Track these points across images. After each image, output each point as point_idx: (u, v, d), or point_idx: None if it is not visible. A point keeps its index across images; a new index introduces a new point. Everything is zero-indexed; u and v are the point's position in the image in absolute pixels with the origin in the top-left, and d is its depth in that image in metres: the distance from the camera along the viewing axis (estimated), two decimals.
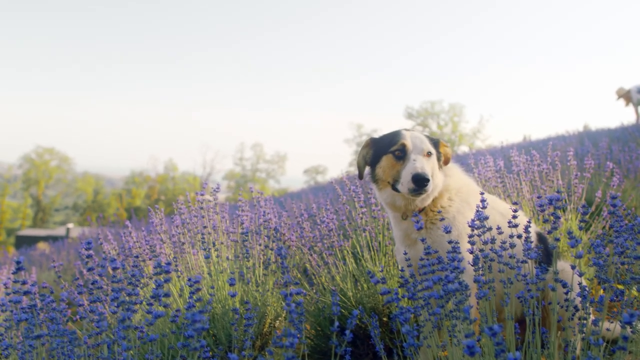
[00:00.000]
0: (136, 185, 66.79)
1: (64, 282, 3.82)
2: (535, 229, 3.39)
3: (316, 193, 11.84)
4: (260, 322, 3.86)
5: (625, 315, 1.79)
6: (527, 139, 18.40)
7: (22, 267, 2.16)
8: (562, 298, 2.91)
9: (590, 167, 5.27)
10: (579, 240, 2.26)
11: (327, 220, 4.36)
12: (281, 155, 70.81)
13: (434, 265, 2.39)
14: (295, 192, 20.49)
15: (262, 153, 70.48)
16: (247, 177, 68.65)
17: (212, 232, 4.18)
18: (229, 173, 69.01)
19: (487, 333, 1.74)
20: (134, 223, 13.42)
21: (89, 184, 68.05)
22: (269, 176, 70.42)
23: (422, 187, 2.93)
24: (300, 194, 14.96)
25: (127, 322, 2.13)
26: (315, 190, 14.58)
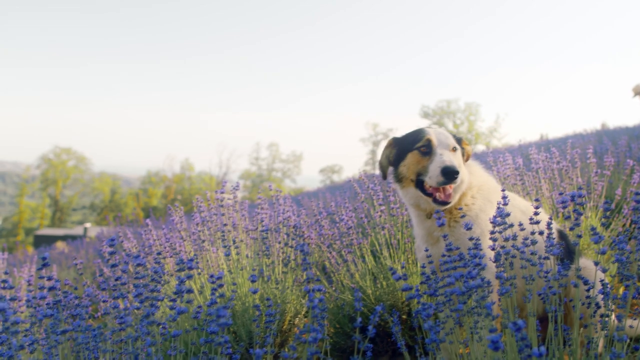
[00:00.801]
0: (153, 185, 67.14)
1: (85, 279, 3.85)
2: (555, 226, 3.38)
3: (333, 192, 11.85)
4: (280, 320, 3.87)
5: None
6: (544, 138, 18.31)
7: (48, 263, 2.18)
8: (584, 295, 2.90)
9: (610, 164, 5.23)
10: (602, 237, 2.25)
11: (346, 218, 4.36)
12: (297, 155, 70.95)
13: (455, 262, 2.39)
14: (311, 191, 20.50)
15: (278, 153, 70.65)
16: (263, 177, 68.80)
17: (232, 229, 4.20)
18: (245, 172, 69.19)
19: (512, 328, 1.73)
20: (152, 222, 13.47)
21: (106, 183, 68.51)
22: (285, 175, 70.56)
23: (451, 180, 2.95)
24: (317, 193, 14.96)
25: (151, 318, 2.15)
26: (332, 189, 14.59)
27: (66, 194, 68.24)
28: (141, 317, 2.26)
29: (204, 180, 65.72)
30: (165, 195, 65.63)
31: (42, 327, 2.71)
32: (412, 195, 3.22)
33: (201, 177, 67.57)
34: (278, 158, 70.50)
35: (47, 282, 2.29)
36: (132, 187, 79.03)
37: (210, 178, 65.67)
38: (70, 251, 14.18)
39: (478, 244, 2.46)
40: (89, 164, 69.25)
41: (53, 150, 66.60)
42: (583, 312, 2.92)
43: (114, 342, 2.54)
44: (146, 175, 68.89)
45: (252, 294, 2.97)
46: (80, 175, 68.00)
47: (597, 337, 2.48)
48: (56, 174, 65.56)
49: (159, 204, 60.99)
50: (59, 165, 65.95)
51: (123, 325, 2.32)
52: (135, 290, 2.30)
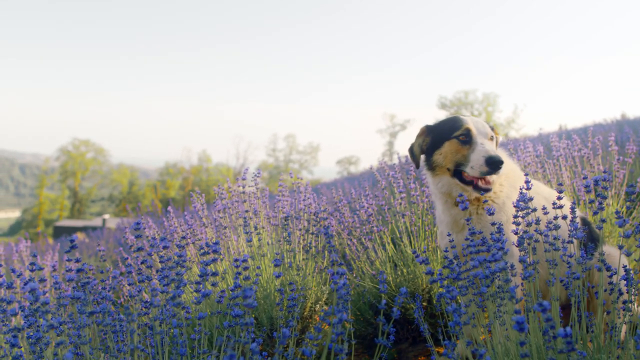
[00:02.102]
0: (170, 176, 67.52)
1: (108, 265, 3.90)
2: (579, 213, 3.37)
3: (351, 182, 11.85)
4: (301, 306, 3.89)
5: None
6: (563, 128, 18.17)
7: (76, 245, 2.22)
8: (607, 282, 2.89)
9: (631, 152, 5.20)
10: (627, 220, 2.25)
11: (367, 205, 4.37)
12: (314, 146, 71.00)
13: (478, 245, 2.40)
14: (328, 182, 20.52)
15: (295, 144, 70.75)
16: (280, 168, 68.92)
17: (254, 216, 4.23)
18: (262, 164, 69.35)
19: (537, 309, 1.74)
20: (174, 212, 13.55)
21: (124, 175, 69.01)
22: (302, 167, 70.66)
23: (496, 170, 2.94)
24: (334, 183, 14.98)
25: (177, 300, 2.18)
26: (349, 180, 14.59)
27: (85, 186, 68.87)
28: (167, 299, 2.29)
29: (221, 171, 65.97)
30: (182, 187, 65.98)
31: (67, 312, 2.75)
32: (445, 183, 3.20)
33: (218, 168, 67.85)
34: (295, 149, 70.61)
35: (74, 265, 2.32)
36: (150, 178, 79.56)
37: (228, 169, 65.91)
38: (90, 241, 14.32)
39: (501, 228, 2.46)
40: (108, 155, 69.84)
41: (72, 142, 67.20)
42: (605, 298, 2.91)
43: (139, 326, 2.57)
44: (164, 167, 69.31)
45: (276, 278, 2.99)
46: (98, 167, 68.60)
47: (620, 323, 2.47)
48: (75, 165, 66.15)
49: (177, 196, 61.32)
50: (78, 157, 66.51)
51: (148, 309, 2.35)
52: (161, 274, 2.33)
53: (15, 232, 73.33)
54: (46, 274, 5.31)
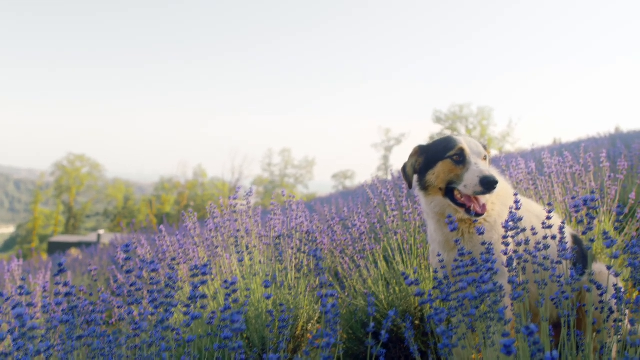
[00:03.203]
0: (166, 191, 67.45)
1: (99, 285, 3.88)
2: (569, 230, 3.38)
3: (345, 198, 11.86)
4: (293, 325, 3.88)
5: None
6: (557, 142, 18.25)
7: (64, 269, 2.21)
8: (597, 300, 2.89)
9: (623, 168, 5.22)
10: (614, 241, 2.25)
11: (359, 223, 4.37)
12: (309, 161, 71.01)
13: (468, 266, 2.40)
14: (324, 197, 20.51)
15: (290, 158, 70.73)
16: (276, 183, 68.91)
17: (245, 235, 4.22)
18: (258, 179, 69.34)
19: (524, 332, 1.74)
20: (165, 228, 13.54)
21: (120, 190, 68.91)
22: (298, 181, 70.64)
23: (490, 190, 2.94)
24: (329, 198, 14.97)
25: (166, 323, 2.17)
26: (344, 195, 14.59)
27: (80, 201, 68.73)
28: (156, 322, 2.28)
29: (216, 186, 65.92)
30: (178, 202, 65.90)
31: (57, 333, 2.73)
32: (437, 204, 3.20)
33: (214, 183, 67.81)
34: (290, 164, 70.60)
35: (62, 288, 2.31)
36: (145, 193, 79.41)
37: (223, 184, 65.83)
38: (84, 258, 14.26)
39: (490, 248, 2.47)
40: (103, 170, 69.78)
41: (67, 157, 67.15)
42: (596, 317, 2.91)
43: (128, 348, 2.56)
44: (159, 182, 69.24)
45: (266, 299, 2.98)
46: (93, 182, 68.52)
47: (611, 342, 2.48)
48: (70, 180, 66.06)
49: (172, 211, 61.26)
50: (73, 172, 66.44)
51: (137, 331, 2.35)
52: (150, 296, 2.33)
53: (9, 248, 73.12)
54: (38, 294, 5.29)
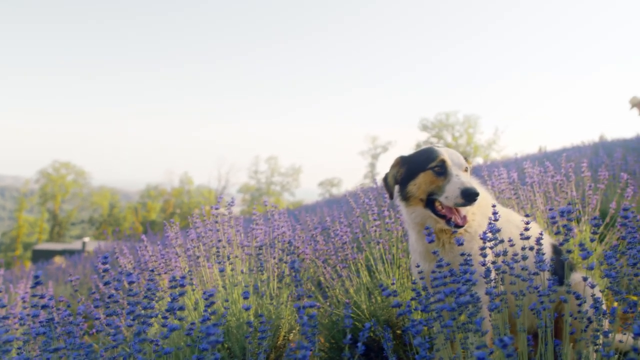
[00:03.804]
0: (152, 199, 67.23)
1: (80, 295, 3.86)
2: (550, 240, 3.40)
3: (331, 205, 11.86)
4: (275, 335, 3.87)
5: (636, 327, 1.80)
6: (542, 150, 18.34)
7: (40, 282, 2.20)
8: (576, 310, 2.91)
9: (604, 178, 5.26)
10: (590, 252, 2.27)
11: (341, 233, 4.38)
12: (296, 168, 71.07)
13: (446, 277, 2.41)
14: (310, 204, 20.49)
15: (277, 166, 70.77)
16: (262, 190, 68.90)
17: (227, 245, 4.22)
18: (244, 186, 69.31)
19: (498, 344, 1.75)
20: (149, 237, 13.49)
21: (105, 198, 68.56)
22: (284, 189, 70.67)
23: (471, 202, 2.95)
24: (315, 206, 14.96)
25: (143, 335, 2.16)
26: (330, 202, 14.59)
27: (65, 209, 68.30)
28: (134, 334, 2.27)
29: (202, 194, 65.82)
30: (164, 209, 65.72)
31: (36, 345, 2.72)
32: (418, 214, 3.21)
33: (200, 190, 67.69)
34: (277, 171, 70.64)
35: (39, 300, 2.30)
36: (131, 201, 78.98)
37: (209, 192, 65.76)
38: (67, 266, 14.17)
39: (469, 259, 2.48)
40: (88, 178, 69.44)
41: (52, 165, 66.80)
42: (575, 326, 2.93)
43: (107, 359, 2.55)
44: (145, 189, 69.01)
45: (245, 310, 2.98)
46: (79, 190, 68.15)
47: (589, 352, 2.49)
48: (55, 188, 65.68)
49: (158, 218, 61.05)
50: (58, 180, 66.09)
51: (115, 343, 2.34)
52: (129, 308, 2.32)
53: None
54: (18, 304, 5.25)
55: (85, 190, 68.85)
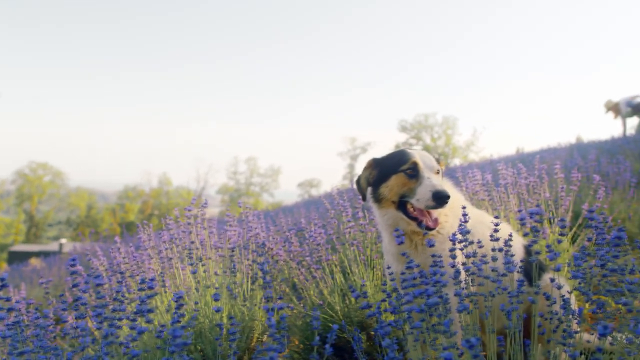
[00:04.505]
0: (130, 200, 66.83)
1: (51, 298, 3.83)
2: (522, 241, 3.43)
3: (309, 207, 11.87)
4: (248, 337, 3.87)
5: (600, 328, 1.82)
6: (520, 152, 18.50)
7: (6, 284, 2.18)
8: (546, 310, 2.94)
9: (577, 179, 5.32)
10: (557, 254, 2.29)
11: (315, 234, 4.38)
12: (275, 169, 71.01)
13: (415, 279, 2.42)
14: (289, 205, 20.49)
15: (256, 167, 70.67)
16: (241, 191, 68.76)
17: (200, 247, 4.20)
18: (223, 187, 69.16)
19: (464, 345, 1.77)
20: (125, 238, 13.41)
21: (82, 199, 67.99)
22: (263, 190, 70.59)
23: (442, 204, 2.96)
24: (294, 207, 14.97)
25: (111, 338, 2.15)
26: (308, 204, 14.60)
27: (42, 210, 67.64)
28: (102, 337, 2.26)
29: (181, 195, 65.54)
30: (142, 210, 65.34)
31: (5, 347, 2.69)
32: (390, 216, 3.22)
33: (179, 191, 67.40)
34: (256, 172, 70.53)
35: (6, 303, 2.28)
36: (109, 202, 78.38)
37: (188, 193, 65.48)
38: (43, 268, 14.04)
39: (440, 260, 2.49)
40: (65, 179, 68.78)
41: (29, 165, 66.10)
42: (546, 327, 2.96)
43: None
44: (123, 190, 68.58)
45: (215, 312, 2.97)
46: (56, 190, 67.50)
47: (558, 352, 2.51)
48: (32, 189, 65.02)
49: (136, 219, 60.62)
50: (35, 181, 65.43)
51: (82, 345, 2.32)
52: (96, 311, 2.30)
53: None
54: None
55: (62, 191, 68.23)
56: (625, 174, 7.24)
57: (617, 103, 14.80)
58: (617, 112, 14.90)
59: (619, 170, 7.52)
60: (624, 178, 7.19)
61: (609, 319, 2.70)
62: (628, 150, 10.05)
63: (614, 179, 7.41)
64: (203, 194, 66.45)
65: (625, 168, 7.47)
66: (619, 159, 8.10)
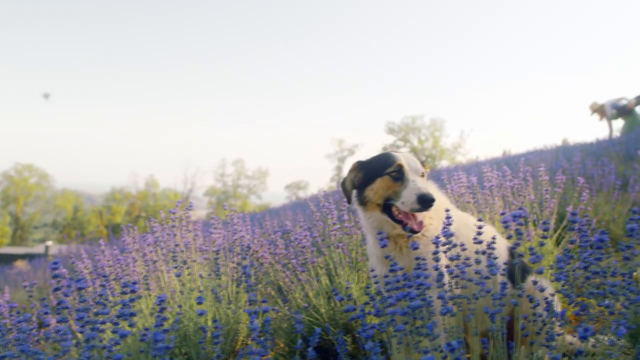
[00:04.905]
0: (116, 202, 66.58)
1: (35, 301, 3.80)
2: (506, 244, 3.43)
3: (296, 209, 11.87)
4: (233, 340, 3.86)
5: (580, 331, 1.83)
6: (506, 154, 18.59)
7: None
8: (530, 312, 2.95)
9: (561, 182, 5.35)
10: (540, 257, 2.30)
11: (300, 237, 4.37)
12: (263, 171, 71.00)
13: (399, 282, 2.42)
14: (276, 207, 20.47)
15: (244, 169, 70.62)
16: (229, 193, 68.68)
17: (185, 250, 4.18)
18: (210, 189, 69.07)
19: (446, 348, 1.77)
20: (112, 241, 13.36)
21: (69, 201, 67.66)
22: (251, 192, 70.54)
23: (427, 207, 2.95)
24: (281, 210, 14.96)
25: (92, 342, 2.14)
26: (296, 206, 14.60)
27: (27, 212, 67.27)
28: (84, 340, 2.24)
29: (169, 197, 65.33)
30: (129, 213, 65.10)
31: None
32: (375, 219, 3.21)
33: (166, 193, 67.20)
34: (244, 174, 70.48)
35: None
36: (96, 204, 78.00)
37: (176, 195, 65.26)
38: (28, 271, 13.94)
39: (423, 263, 2.49)
40: (51, 180, 68.47)
41: (14, 167, 65.74)
42: (529, 329, 2.97)
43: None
44: (110, 192, 68.32)
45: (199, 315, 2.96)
46: (42, 193, 67.16)
47: (542, 354, 2.53)
48: (17, 191, 64.64)
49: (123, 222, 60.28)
50: (21, 182, 65.06)
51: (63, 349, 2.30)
52: (78, 314, 2.29)
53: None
54: None
55: (48, 193, 67.90)
56: (610, 176, 7.30)
57: (603, 105, 14.89)
58: (603, 114, 14.98)
59: (604, 172, 7.57)
60: (609, 180, 7.24)
61: (592, 321, 2.72)
62: (613, 153, 10.12)
63: (598, 181, 7.46)
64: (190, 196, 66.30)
65: (610, 170, 7.52)
66: (603, 161, 8.16)
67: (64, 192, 68.98)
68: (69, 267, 8.69)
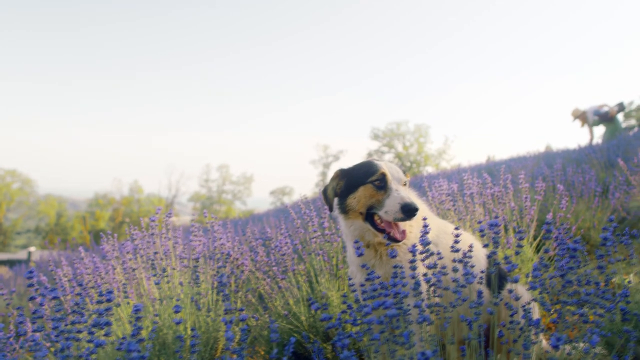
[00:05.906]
0: (100, 207, 66.17)
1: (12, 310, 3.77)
2: (485, 252, 3.43)
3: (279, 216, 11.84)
4: (212, 348, 3.84)
5: (553, 340, 1.84)
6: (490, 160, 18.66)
7: None
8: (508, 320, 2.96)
9: (541, 189, 5.38)
10: (515, 265, 2.31)
11: (281, 244, 4.36)
12: (247, 177, 70.87)
13: (376, 290, 2.42)
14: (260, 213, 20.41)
15: (228, 174, 70.46)
16: (213, 199, 68.49)
17: (164, 257, 4.16)
18: (195, 195, 68.83)
19: (419, 358, 1.77)
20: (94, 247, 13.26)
21: (52, 206, 67.15)
22: (235, 197, 70.38)
23: (411, 217, 2.95)
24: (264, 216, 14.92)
25: (67, 352, 2.12)
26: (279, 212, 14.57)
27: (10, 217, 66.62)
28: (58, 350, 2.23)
29: (153, 202, 65.06)
30: (113, 218, 64.73)
31: None
32: (357, 227, 3.20)
33: (150, 199, 66.92)
34: (228, 180, 70.33)
35: None
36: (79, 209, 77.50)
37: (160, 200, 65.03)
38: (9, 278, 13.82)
39: (401, 272, 2.50)
40: (34, 186, 67.90)
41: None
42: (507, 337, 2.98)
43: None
44: (93, 198, 67.91)
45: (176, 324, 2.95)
46: (25, 198, 66.60)
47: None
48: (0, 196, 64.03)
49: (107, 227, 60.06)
50: (3, 188, 64.49)
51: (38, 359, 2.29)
52: (53, 324, 2.27)
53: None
54: None
55: (31, 199, 67.35)
56: (590, 183, 7.34)
57: (585, 112, 15.01)
58: (584, 121, 15.11)
59: (584, 179, 7.62)
60: (589, 187, 7.29)
61: (569, 329, 2.73)
62: (594, 160, 10.20)
63: (579, 188, 7.51)
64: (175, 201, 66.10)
65: (590, 177, 7.57)
66: (584, 168, 8.22)
67: (47, 198, 68.47)
68: (49, 275, 8.62)
